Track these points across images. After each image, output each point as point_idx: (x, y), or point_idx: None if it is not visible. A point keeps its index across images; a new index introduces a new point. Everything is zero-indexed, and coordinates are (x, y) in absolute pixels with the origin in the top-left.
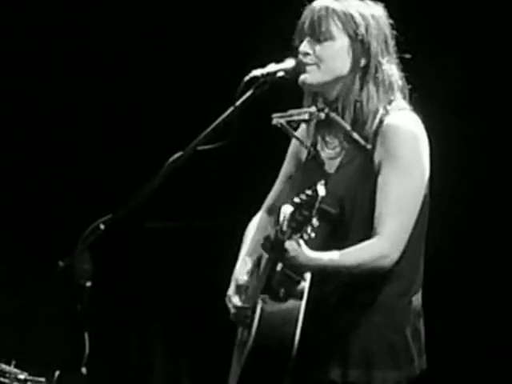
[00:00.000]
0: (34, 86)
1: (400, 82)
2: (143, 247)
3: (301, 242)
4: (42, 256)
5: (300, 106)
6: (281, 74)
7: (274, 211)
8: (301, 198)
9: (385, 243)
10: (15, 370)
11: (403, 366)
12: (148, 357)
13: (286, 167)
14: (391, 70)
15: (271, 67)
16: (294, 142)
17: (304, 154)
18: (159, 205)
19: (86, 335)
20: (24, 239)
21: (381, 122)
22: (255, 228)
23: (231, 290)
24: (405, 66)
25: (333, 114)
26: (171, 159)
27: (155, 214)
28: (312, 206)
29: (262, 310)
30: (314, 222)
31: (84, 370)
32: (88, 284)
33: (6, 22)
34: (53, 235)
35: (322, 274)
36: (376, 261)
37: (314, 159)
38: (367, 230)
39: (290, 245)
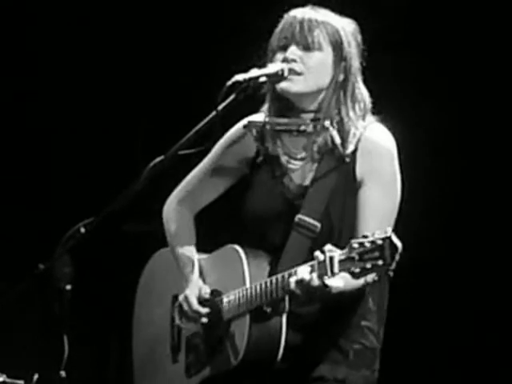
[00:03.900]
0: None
1: (370, 103)
2: (121, 250)
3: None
4: (20, 258)
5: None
6: (263, 79)
7: (193, 204)
8: (372, 243)
9: None
10: None
11: (377, 369)
12: (128, 359)
13: (216, 163)
14: (364, 89)
15: (254, 72)
16: (230, 142)
17: (244, 159)
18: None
19: (65, 338)
20: (2, 242)
21: (359, 137)
22: (178, 224)
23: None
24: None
25: (331, 127)
26: (152, 163)
27: (134, 218)
28: (392, 257)
29: (250, 325)
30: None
31: (63, 372)
32: (68, 287)
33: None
34: (33, 239)
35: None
36: None
37: (270, 166)
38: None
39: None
